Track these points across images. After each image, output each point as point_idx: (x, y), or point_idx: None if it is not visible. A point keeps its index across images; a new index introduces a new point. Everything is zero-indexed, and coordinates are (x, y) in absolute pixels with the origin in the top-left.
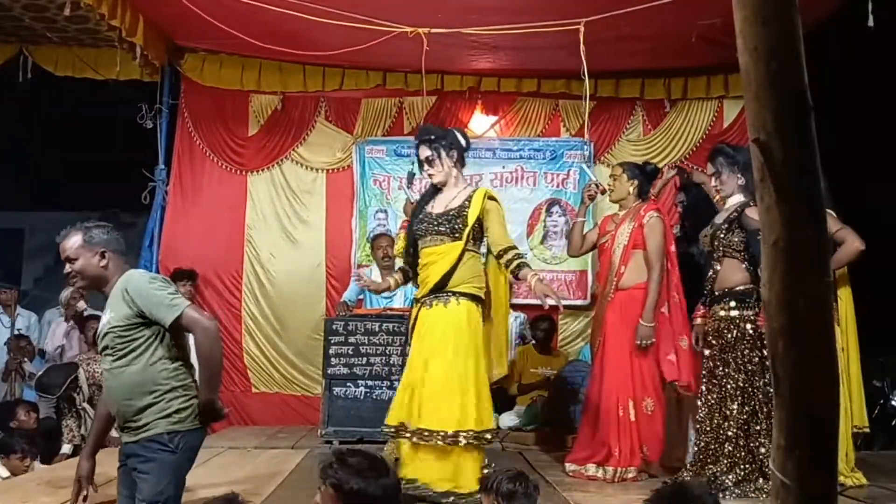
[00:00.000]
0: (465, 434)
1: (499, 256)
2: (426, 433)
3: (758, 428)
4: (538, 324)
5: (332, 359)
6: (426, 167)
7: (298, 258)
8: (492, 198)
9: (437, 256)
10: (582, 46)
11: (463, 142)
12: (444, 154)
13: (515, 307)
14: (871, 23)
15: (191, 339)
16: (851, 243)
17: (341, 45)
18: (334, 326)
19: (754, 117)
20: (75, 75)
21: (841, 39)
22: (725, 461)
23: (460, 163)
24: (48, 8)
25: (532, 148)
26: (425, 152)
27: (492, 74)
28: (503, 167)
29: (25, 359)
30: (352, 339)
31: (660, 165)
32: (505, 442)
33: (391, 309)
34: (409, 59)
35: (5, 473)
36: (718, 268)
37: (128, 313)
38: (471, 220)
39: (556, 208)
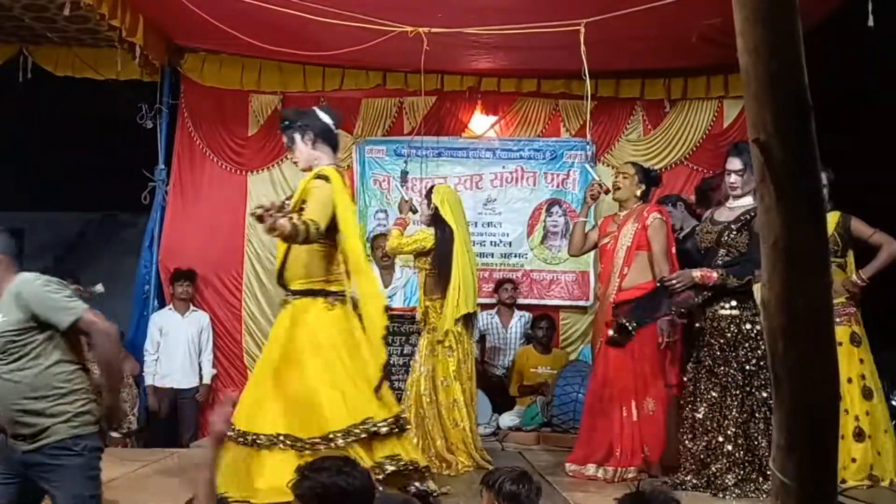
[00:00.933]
0: (283, 437)
1: None
2: (254, 437)
3: (757, 427)
4: (538, 322)
5: None
6: (290, 155)
7: None
8: (321, 176)
9: (278, 250)
10: (583, 46)
11: (325, 119)
12: (298, 138)
13: (521, 307)
14: (871, 23)
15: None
16: (890, 245)
17: (341, 44)
18: None
19: (754, 117)
20: (75, 75)
21: (841, 39)
22: (725, 461)
23: (323, 141)
24: (48, 8)
25: (532, 148)
26: (283, 140)
27: (492, 74)
28: (503, 167)
29: None
30: None
31: (660, 166)
32: (505, 442)
33: (391, 309)
34: (408, 58)
35: None
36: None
37: (21, 318)
38: (293, 204)
39: (556, 208)
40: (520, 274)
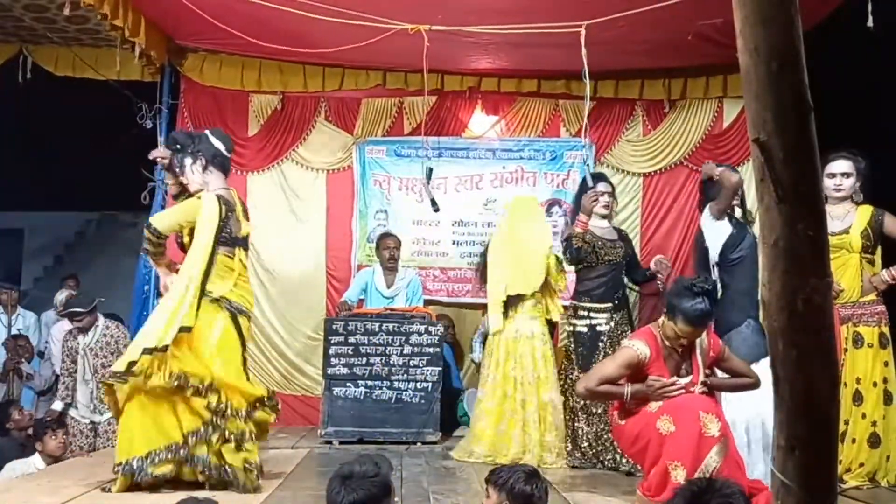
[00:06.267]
0: None
1: None
2: None
3: None
4: None
5: (332, 359)
6: (176, 179)
7: (299, 258)
8: (200, 198)
9: None
10: (583, 49)
11: (217, 144)
12: (188, 163)
13: None
14: (870, 23)
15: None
16: None
17: (341, 44)
18: (334, 326)
19: (754, 117)
20: (75, 75)
21: (841, 39)
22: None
23: (215, 166)
24: (48, 8)
25: (532, 148)
26: (174, 163)
27: (492, 74)
28: (503, 167)
29: (24, 359)
30: (352, 339)
31: (660, 166)
32: None
33: (391, 309)
34: (409, 58)
35: (42, 465)
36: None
37: None
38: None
39: (556, 209)
40: None
